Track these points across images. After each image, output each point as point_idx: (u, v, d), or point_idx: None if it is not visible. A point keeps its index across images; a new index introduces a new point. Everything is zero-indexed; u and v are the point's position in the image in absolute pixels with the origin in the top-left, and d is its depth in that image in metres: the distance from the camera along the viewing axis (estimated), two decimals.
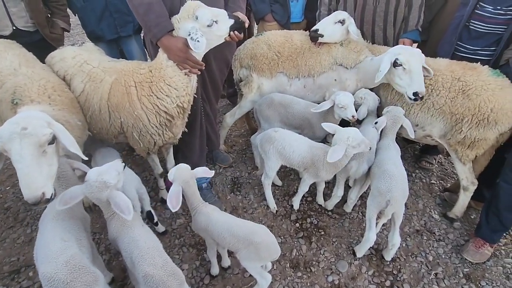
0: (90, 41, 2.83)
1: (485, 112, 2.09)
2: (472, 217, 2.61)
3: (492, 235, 2.25)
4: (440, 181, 2.99)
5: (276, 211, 2.60)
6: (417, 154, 3.26)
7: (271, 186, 2.59)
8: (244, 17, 2.03)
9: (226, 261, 2.14)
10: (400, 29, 2.67)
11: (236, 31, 1.94)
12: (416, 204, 2.72)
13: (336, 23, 2.48)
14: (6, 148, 1.40)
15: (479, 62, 2.29)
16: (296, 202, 2.61)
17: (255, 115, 2.84)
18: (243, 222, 1.88)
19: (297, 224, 2.51)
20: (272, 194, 2.61)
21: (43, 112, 1.61)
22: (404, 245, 2.36)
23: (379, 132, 2.40)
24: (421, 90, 2.15)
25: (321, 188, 2.61)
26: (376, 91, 2.61)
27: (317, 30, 2.49)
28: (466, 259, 2.26)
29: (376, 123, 2.40)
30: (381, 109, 2.52)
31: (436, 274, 2.18)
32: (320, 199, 2.65)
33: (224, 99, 4.09)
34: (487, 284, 2.14)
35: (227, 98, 4.08)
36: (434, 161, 3.10)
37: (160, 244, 1.64)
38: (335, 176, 2.42)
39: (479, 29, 2.32)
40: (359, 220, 2.55)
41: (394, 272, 2.19)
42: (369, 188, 2.29)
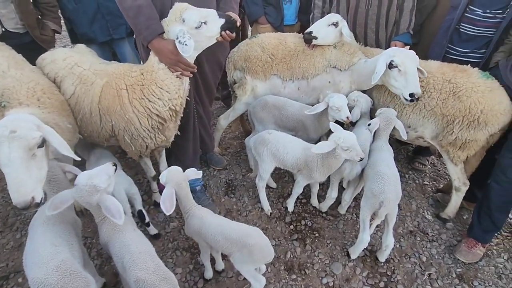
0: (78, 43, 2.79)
1: (476, 113, 2.11)
2: (464, 217, 2.64)
3: (484, 235, 2.27)
4: (432, 182, 3.02)
5: (271, 213, 2.59)
6: (410, 156, 3.28)
7: (266, 188, 2.58)
8: (236, 16, 1.99)
9: (220, 265, 2.13)
10: (392, 32, 2.70)
11: (228, 31, 1.90)
12: (409, 205, 2.74)
13: (329, 25, 2.50)
14: None
15: (469, 65, 2.32)
16: (291, 204, 2.61)
17: (249, 117, 2.84)
18: (237, 224, 1.87)
19: (292, 226, 2.51)
20: (267, 196, 2.61)
21: (32, 115, 1.58)
22: (397, 246, 2.38)
23: (372, 133, 2.41)
24: (417, 91, 2.17)
25: (315, 190, 2.62)
26: (369, 93, 2.62)
27: (311, 32, 2.51)
28: (459, 259, 2.28)
29: (369, 125, 2.42)
30: (374, 111, 2.53)
31: (429, 274, 2.20)
32: (314, 201, 2.66)
33: (218, 101, 4.08)
34: (479, 284, 2.16)
35: (221, 100, 4.07)
36: (427, 162, 3.13)
37: (153, 248, 1.62)
38: (329, 177, 2.42)
39: (469, 32, 2.36)
40: (353, 221, 2.56)
41: (388, 273, 2.20)
42: (363, 189, 2.30)
